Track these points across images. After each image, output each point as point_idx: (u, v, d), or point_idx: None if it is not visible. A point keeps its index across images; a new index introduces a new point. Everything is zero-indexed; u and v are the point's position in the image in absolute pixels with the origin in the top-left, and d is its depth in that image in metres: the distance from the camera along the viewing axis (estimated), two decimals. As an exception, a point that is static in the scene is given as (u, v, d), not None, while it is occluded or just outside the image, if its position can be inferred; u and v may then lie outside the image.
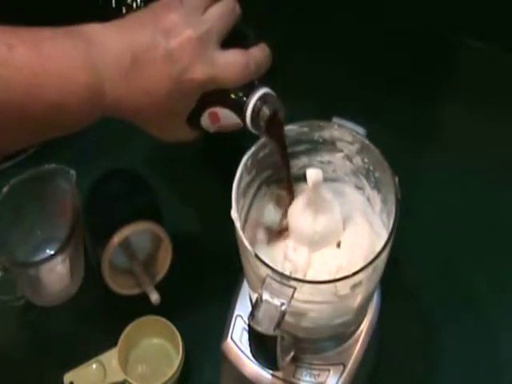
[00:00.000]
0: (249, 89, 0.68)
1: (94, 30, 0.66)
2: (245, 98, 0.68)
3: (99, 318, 0.84)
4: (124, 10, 0.76)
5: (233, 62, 0.67)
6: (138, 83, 0.66)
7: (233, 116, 0.69)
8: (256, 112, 0.67)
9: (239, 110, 0.68)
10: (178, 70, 0.65)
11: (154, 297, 0.80)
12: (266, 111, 0.67)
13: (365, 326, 0.73)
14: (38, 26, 0.64)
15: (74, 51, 0.64)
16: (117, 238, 0.77)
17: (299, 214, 0.68)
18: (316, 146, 0.70)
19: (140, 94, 0.66)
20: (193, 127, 0.72)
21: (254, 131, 0.69)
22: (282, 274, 0.61)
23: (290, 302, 0.59)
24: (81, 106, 0.65)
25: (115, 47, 0.65)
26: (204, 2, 0.68)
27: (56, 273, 0.80)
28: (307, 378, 0.72)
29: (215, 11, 0.68)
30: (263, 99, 0.68)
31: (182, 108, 0.69)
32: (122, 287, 0.81)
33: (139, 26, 0.67)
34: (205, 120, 0.70)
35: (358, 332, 0.73)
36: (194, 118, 0.71)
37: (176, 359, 0.78)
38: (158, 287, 0.81)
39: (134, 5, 0.76)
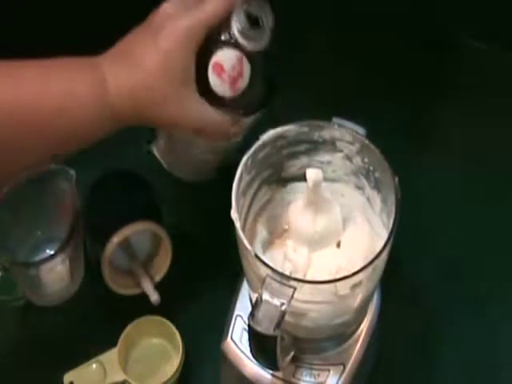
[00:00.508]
0: (232, 16, 0.67)
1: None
2: (231, 23, 0.67)
3: (99, 318, 0.84)
4: None
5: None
6: (134, 65, 0.66)
7: (231, 52, 0.67)
8: (241, 27, 0.67)
9: (232, 39, 0.67)
10: (163, 29, 0.66)
11: (154, 297, 0.80)
12: (244, 20, 0.67)
13: (365, 325, 0.73)
14: None
15: (76, 58, 0.66)
16: (117, 238, 0.77)
17: (299, 213, 0.68)
18: (316, 146, 0.70)
19: (139, 73, 0.66)
20: (210, 101, 0.69)
21: (255, 48, 0.68)
22: (282, 274, 0.61)
23: (289, 302, 0.59)
24: (87, 106, 0.66)
25: (113, 49, 0.68)
26: None
27: (56, 273, 0.80)
28: (307, 378, 0.72)
29: None
30: (246, 11, 0.67)
31: (183, 69, 0.67)
32: (122, 287, 0.81)
33: (132, 33, 0.69)
34: (213, 80, 0.68)
35: (358, 332, 0.73)
36: (203, 85, 0.68)
37: (176, 359, 0.79)
38: (158, 287, 0.81)
39: None
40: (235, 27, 0.67)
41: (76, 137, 0.67)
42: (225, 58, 0.67)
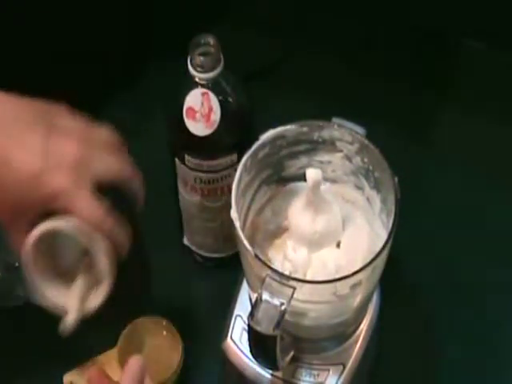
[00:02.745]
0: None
1: None
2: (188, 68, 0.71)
3: (99, 318, 0.83)
4: None
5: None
6: None
7: (196, 92, 0.71)
8: (194, 63, 0.70)
9: (193, 79, 0.71)
10: None
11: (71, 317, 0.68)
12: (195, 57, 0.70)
13: (364, 325, 0.73)
14: None
15: None
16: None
17: (299, 213, 0.68)
18: (316, 146, 0.70)
19: None
20: (197, 152, 0.74)
21: (213, 76, 0.70)
22: (281, 274, 0.61)
23: (289, 301, 0.60)
24: None
25: None
26: None
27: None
28: (307, 378, 0.72)
29: None
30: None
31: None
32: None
33: None
34: (190, 125, 0.72)
35: (358, 332, 0.73)
36: (185, 141, 0.73)
37: (176, 359, 0.79)
38: (158, 287, 0.81)
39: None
40: (190, 67, 0.70)
41: None
42: (192, 99, 0.71)
